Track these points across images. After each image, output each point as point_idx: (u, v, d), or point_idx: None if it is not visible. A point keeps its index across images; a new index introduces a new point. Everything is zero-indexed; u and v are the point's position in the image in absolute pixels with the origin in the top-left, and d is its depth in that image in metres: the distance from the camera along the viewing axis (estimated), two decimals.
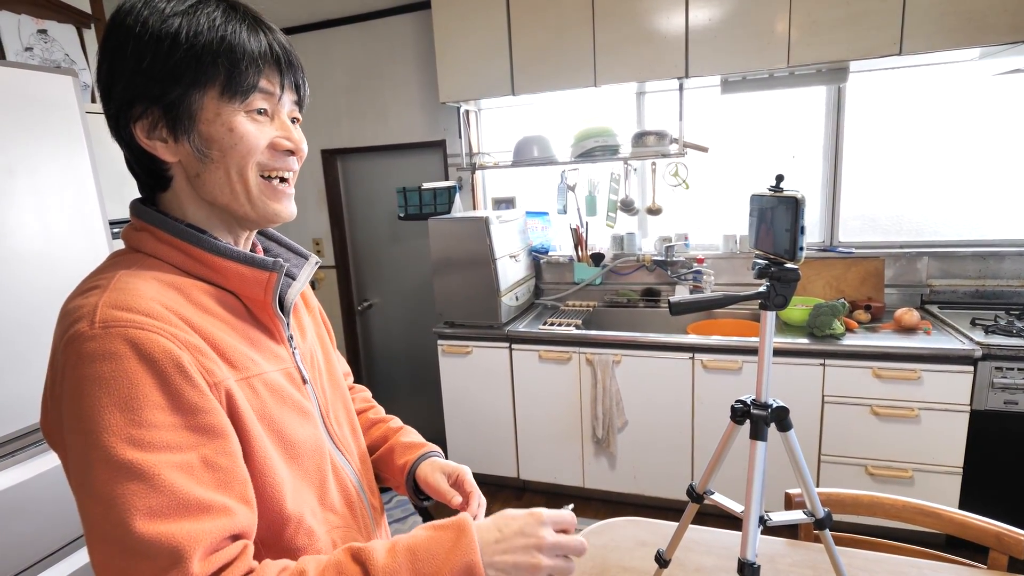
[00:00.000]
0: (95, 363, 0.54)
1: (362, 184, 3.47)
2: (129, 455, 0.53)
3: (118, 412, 0.53)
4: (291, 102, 0.69)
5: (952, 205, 2.57)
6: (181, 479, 0.54)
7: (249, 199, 0.66)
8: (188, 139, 0.62)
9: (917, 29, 2.10)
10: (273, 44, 0.65)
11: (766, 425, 0.82)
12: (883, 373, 2.17)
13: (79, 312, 0.57)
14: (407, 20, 3.05)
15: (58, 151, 1.68)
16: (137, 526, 0.51)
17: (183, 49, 0.60)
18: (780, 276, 0.76)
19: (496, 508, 2.70)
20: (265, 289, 0.68)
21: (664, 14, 2.39)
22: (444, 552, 0.59)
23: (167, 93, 0.61)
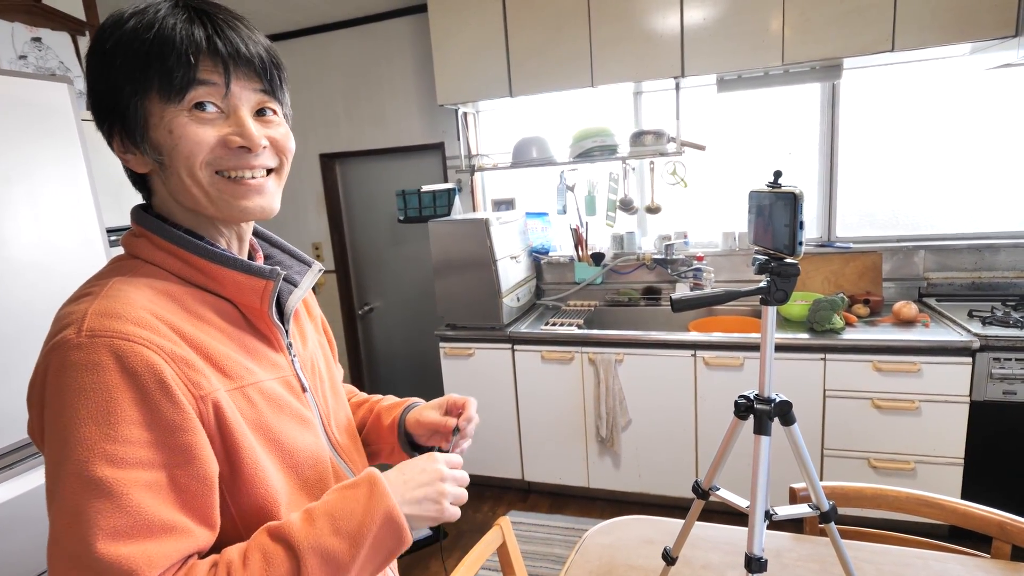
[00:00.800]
0: (77, 372, 0.54)
1: (361, 187, 3.48)
2: (100, 471, 0.52)
3: (94, 425, 0.53)
4: (253, 91, 0.64)
5: (947, 199, 2.58)
6: (148, 499, 0.54)
7: (209, 200, 0.64)
8: (145, 148, 0.62)
9: (909, 25, 2.12)
10: (212, 34, 0.61)
11: (769, 420, 0.83)
12: (883, 366, 2.19)
13: (68, 319, 0.57)
14: (403, 23, 3.06)
15: (54, 159, 1.69)
16: (98, 546, 0.51)
17: (118, 60, 0.60)
18: (780, 271, 0.77)
19: (502, 511, 2.72)
20: (262, 297, 0.67)
21: (659, 14, 2.40)
22: (361, 508, 0.60)
23: (118, 106, 0.61)
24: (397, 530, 0.61)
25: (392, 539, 0.61)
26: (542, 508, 2.77)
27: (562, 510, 2.74)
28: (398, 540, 0.61)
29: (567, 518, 2.66)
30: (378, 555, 0.61)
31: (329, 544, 0.58)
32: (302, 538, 0.58)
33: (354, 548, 0.59)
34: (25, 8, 2.15)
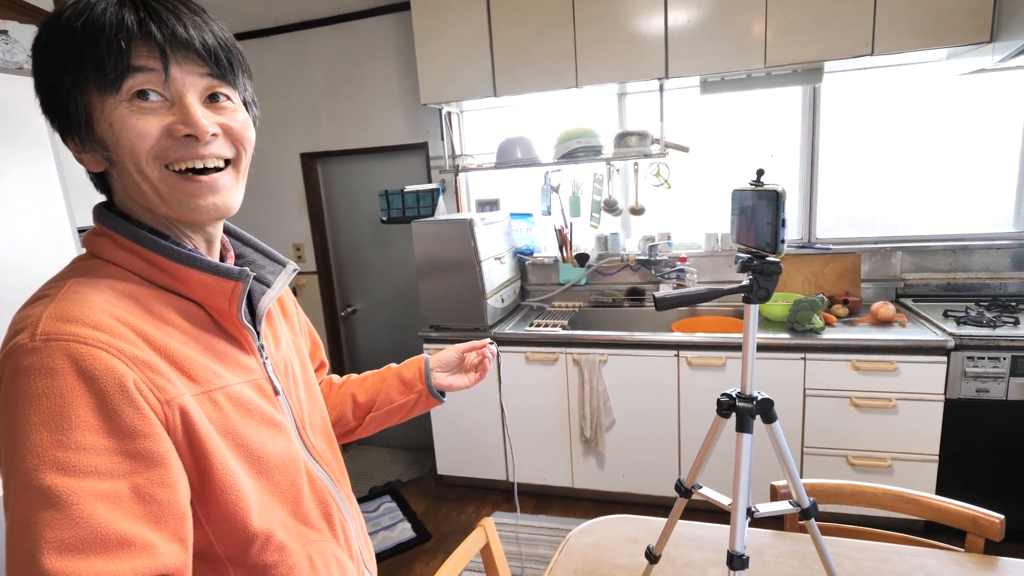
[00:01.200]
0: (30, 377, 0.51)
1: (343, 188, 3.45)
2: (49, 480, 0.49)
3: (46, 432, 0.50)
4: (199, 76, 0.60)
5: (924, 201, 2.64)
6: (103, 510, 0.49)
7: (160, 197, 0.60)
8: (92, 147, 0.59)
9: (888, 30, 2.16)
10: (145, 17, 0.56)
11: (751, 417, 0.84)
12: (861, 365, 2.22)
13: (23, 323, 0.54)
14: (386, 21, 3.04)
15: (22, 157, 1.65)
16: (44, 561, 0.47)
17: (57, 51, 0.56)
18: (762, 269, 0.78)
19: (486, 512, 2.72)
20: (230, 299, 0.64)
21: (644, 16, 2.42)
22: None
23: (59, 104, 0.58)
24: None
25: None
26: (526, 509, 2.77)
27: (546, 510, 2.74)
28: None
29: (551, 518, 2.66)
30: None
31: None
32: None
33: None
34: None
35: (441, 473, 2.94)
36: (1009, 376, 2.07)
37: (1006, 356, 2.06)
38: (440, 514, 2.79)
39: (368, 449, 3.56)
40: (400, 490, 3.03)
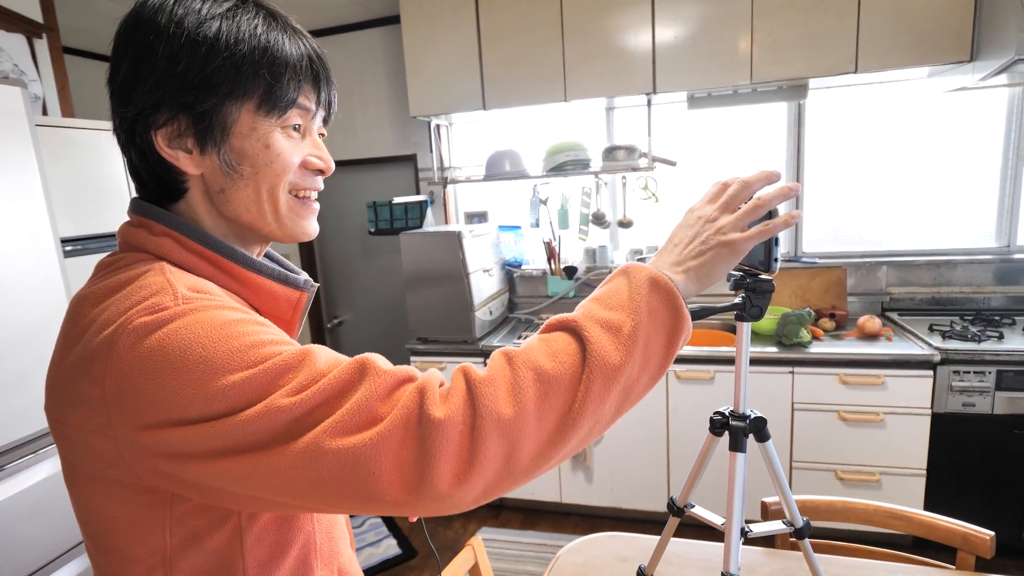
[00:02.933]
0: (186, 331, 0.49)
1: (332, 199, 3.42)
2: (276, 356, 0.49)
3: (233, 341, 0.49)
4: (320, 118, 0.66)
5: (908, 216, 2.67)
6: (329, 353, 0.52)
7: (277, 218, 0.62)
8: (217, 152, 0.58)
9: (871, 48, 2.20)
10: (312, 56, 0.62)
11: (745, 436, 0.83)
12: (849, 379, 2.23)
13: (146, 291, 0.52)
14: (376, 34, 3.04)
15: (6, 165, 1.61)
16: (374, 375, 0.50)
17: (223, 56, 0.56)
18: (755, 287, 0.77)
19: (473, 527, 2.67)
20: (294, 308, 0.65)
21: (632, 32, 2.44)
22: (624, 284, 0.58)
23: (200, 102, 0.56)
24: (667, 295, 0.57)
25: (665, 307, 0.56)
26: (514, 524, 2.73)
27: (535, 526, 2.71)
28: (672, 308, 0.57)
29: (540, 534, 2.63)
30: (658, 328, 0.56)
31: (605, 315, 0.55)
32: (577, 316, 0.56)
33: (631, 316, 0.55)
34: None
35: None
36: (995, 390, 2.09)
37: (991, 370, 2.08)
38: (426, 530, 2.74)
39: None
40: None
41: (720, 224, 0.63)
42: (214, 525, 0.56)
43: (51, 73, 2.31)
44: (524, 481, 0.52)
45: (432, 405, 0.49)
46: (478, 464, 0.48)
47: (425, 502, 0.48)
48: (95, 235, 2.01)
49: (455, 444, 0.48)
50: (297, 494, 0.49)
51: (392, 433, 0.47)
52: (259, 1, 0.61)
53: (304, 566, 0.62)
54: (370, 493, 0.47)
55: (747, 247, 0.62)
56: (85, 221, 1.99)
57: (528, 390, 0.51)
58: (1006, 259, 2.53)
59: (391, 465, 0.47)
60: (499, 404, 0.50)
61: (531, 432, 0.50)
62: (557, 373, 0.52)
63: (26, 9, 2.22)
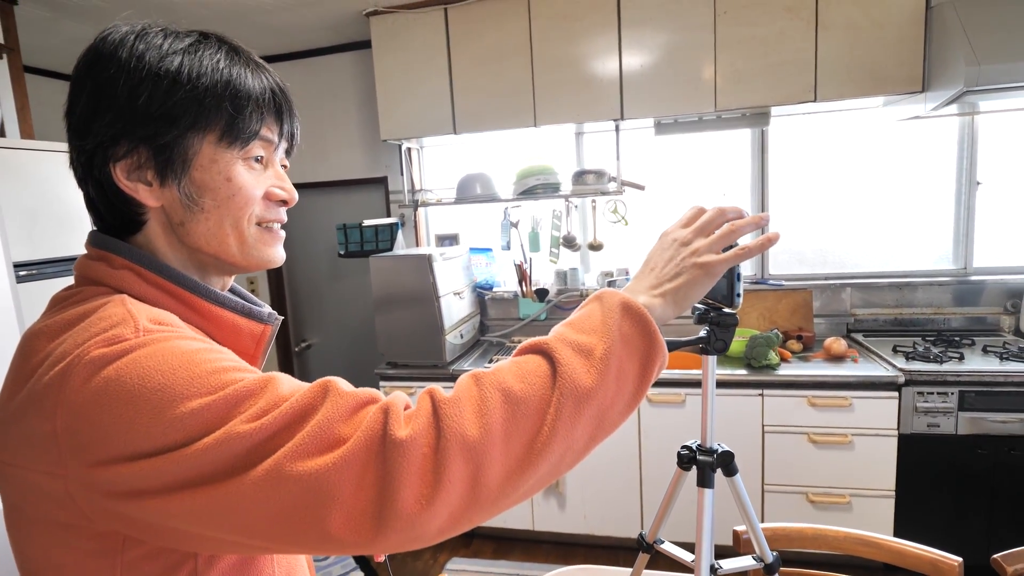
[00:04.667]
0: (151, 353, 0.48)
1: (301, 221, 3.36)
2: (234, 385, 0.48)
3: (193, 369, 0.48)
4: (283, 149, 0.66)
5: (870, 239, 2.74)
6: (291, 382, 0.51)
7: (242, 249, 0.62)
8: (178, 185, 0.58)
9: (828, 79, 2.27)
10: (275, 89, 0.62)
11: (712, 471, 0.81)
12: (817, 401, 2.25)
13: (106, 323, 0.50)
14: (347, 59, 3.03)
15: None
16: (305, 428, 0.47)
17: (184, 89, 0.56)
18: (719, 321, 0.77)
19: (444, 558, 2.60)
20: (257, 342, 0.64)
21: (600, 60, 2.48)
22: (597, 310, 0.57)
23: (161, 134, 0.56)
24: (640, 320, 0.55)
25: (638, 332, 0.55)
26: (486, 554, 2.67)
27: (507, 555, 2.65)
28: (645, 333, 0.55)
29: (512, 564, 2.57)
30: (631, 352, 0.55)
31: (576, 338, 0.54)
32: (548, 339, 0.55)
33: (603, 339, 0.54)
34: None
35: None
36: (957, 411, 2.13)
37: (954, 391, 2.13)
38: (395, 560, 2.65)
39: None
40: None
41: (695, 247, 0.63)
42: (168, 571, 0.52)
43: (11, 94, 2.23)
44: (491, 510, 0.50)
45: (396, 426, 0.47)
46: (442, 487, 0.46)
47: (387, 532, 0.46)
48: (53, 259, 1.93)
49: (418, 466, 0.46)
50: (257, 530, 0.46)
51: (355, 455, 0.46)
52: (221, 36, 0.61)
53: None
54: (331, 522, 0.45)
55: (722, 269, 0.62)
56: (43, 245, 1.91)
57: (495, 411, 0.49)
58: (963, 281, 2.61)
59: (353, 488, 0.45)
60: (464, 425, 0.48)
61: (498, 455, 0.48)
62: (525, 395, 0.51)
63: None
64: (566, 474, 2.50)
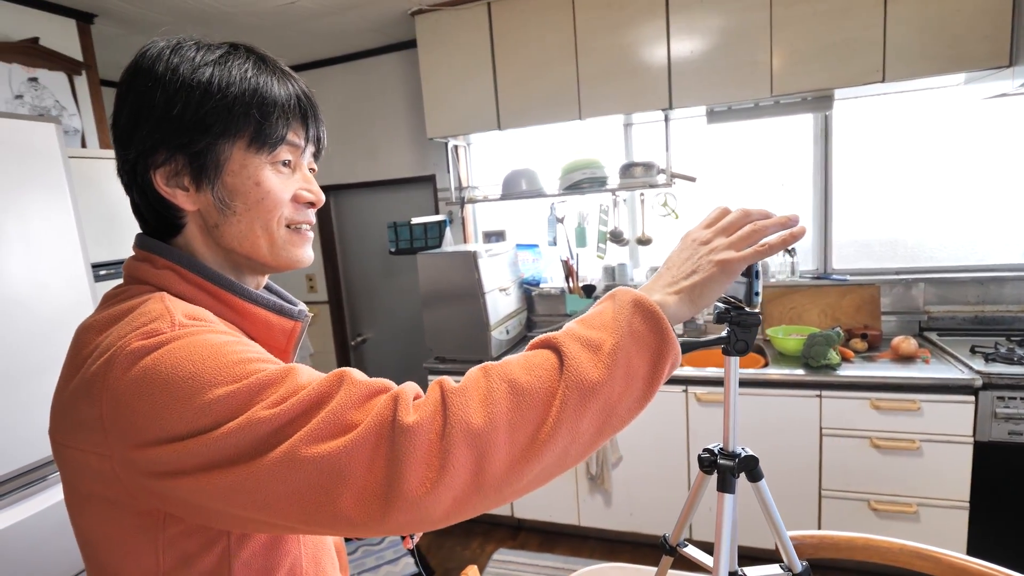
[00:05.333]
0: (185, 345, 0.52)
1: (354, 220, 3.48)
2: (256, 375, 0.51)
3: (220, 360, 0.51)
4: (310, 153, 0.69)
5: (948, 229, 2.53)
6: (309, 371, 0.54)
7: (272, 249, 0.65)
8: (211, 189, 0.62)
9: (899, 57, 2.10)
10: (300, 96, 0.65)
11: (733, 476, 0.78)
12: (881, 404, 2.11)
13: (144, 318, 0.55)
14: (394, 59, 3.09)
15: (41, 196, 1.70)
16: (341, 401, 0.50)
17: (215, 99, 0.59)
18: (740, 321, 0.73)
19: (491, 548, 2.63)
20: (288, 337, 0.67)
21: (646, 47, 2.41)
22: (609, 307, 0.57)
23: (195, 142, 0.60)
24: (651, 316, 0.55)
25: (649, 329, 0.55)
26: (532, 546, 2.68)
27: (552, 549, 2.65)
28: (657, 330, 0.55)
29: (557, 558, 2.57)
30: (641, 349, 0.55)
31: (586, 334, 0.55)
32: (558, 334, 0.56)
33: (613, 335, 0.54)
34: (23, 49, 2.18)
35: None
36: None
37: None
38: (444, 549, 2.71)
39: None
40: None
41: (714, 245, 0.62)
42: (204, 548, 0.57)
43: (90, 107, 2.43)
44: (496, 497, 0.51)
45: (404, 412, 0.49)
46: (447, 472, 0.48)
47: (395, 512, 0.48)
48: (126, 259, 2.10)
49: (424, 451, 0.48)
50: (276, 509, 0.49)
51: (365, 439, 0.48)
52: (250, 47, 0.65)
53: None
54: (342, 502, 0.47)
55: (740, 267, 0.60)
56: (119, 246, 2.08)
57: (500, 401, 0.51)
58: None
59: (363, 470, 0.48)
60: (469, 413, 0.50)
61: (501, 444, 0.49)
62: (531, 386, 0.52)
63: (67, 49, 2.36)
64: (612, 471, 2.48)
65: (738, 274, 0.60)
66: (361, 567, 2.57)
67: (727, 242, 0.61)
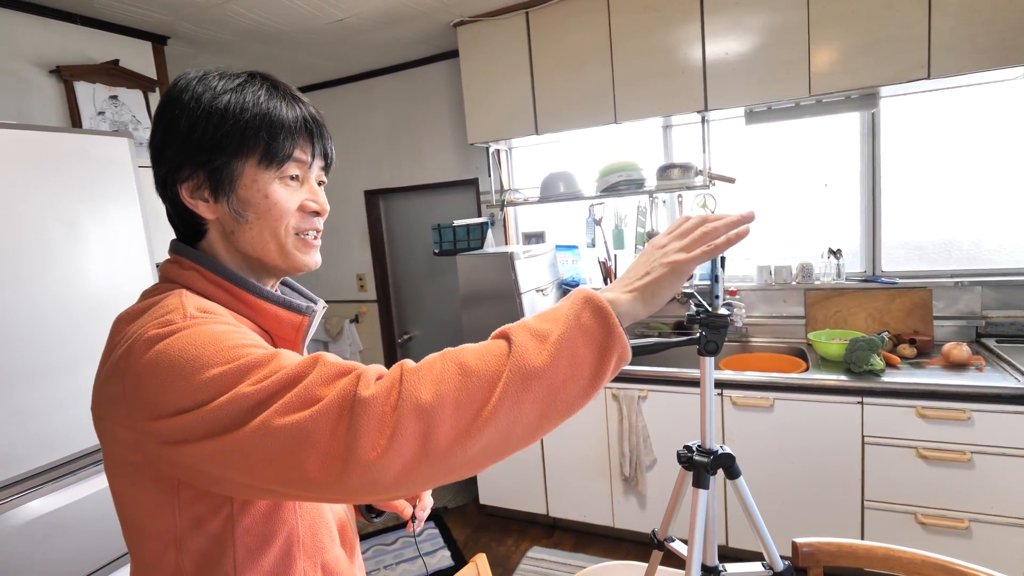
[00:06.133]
0: (191, 334, 0.61)
1: (401, 221, 3.63)
2: (247, 358, 0.58)
3: (221, 344, 0.60)
4: (319, 168, 0.76)
5: (1009, 229, 2.38)
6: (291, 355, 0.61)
7: (281, 254, 0.73)
8: (227, 201, 0.70)
9: (945, 52, 2.01)
10: (307, 117, 0.73)
11: (708, 472, 0.81)
12: (928, 413, 2.02)
13: (162, 311, 0.64)
14: (439, 68, 3.22)
15: (114, 203, 1.90)
16: (316, 370, 0.57)
17: (229, 123, 0.68)
18: (708, 323, 0.76)
19: (525, 546, 2.69)
20: (297, 330, 0.75)
21: (680, 49, 2.40)
22: (564, 303, 0.62)
23: (212, 160, 0.69)
24: (599, 311, 0.60)
25: (597, 322, 0.59)
26: (566, 545, 2.72)
27: (586, 549, 2.68)
28: (604, 324, 0.59)
29: (590, 558, 2.59)
30: (588, 340, 0.59)
31: (536, 326, 0.60)
32: (512, 326, 0.61)
33: (561, 326, 0.59)
34: (105, 70, 2.44)
35: (483, 502, 2.95)
36: None
37: None
38: (480, 544, 2.79)
39: None
40: (444, 516, 3.07)
41: (667, 248, 0.66)
42: (212, 511, 0.66)
43: None
44: (442, 468, 0.56)
45: (364, 388, 0.56)
46: (396, 440, 0.54)
47: (350, 474, 0.54)
48: None
49: (377, 420, 0.54)
50: (257, 472, 0.56)
51: (329, 410, 0.55)
52: (266, 75, 0.74)
53: (287, 557, 0.71)
54: (308, 465, 0.54)
55: (690, 268, 0.64)
56: (171, 247, 2.29)
57: (449, 381, 0.56)
58: None
59: (327, 437, 0.54)
60: (420, 390, 0.56)
61: (447, 418, 0.55)
62: (479, 369, 0.57)
63: (143, 68, 2.61)
64: (646, 474, 2.48)
65: (688, 274, 0.64)
66: (380, 564, 2.69)
67: (679, 245, 0.65)
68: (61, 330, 1.71)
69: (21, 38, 2.22)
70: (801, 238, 2.71)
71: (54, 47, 2.32)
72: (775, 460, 2.27)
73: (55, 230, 1.72)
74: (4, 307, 1.59)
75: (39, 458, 1.65)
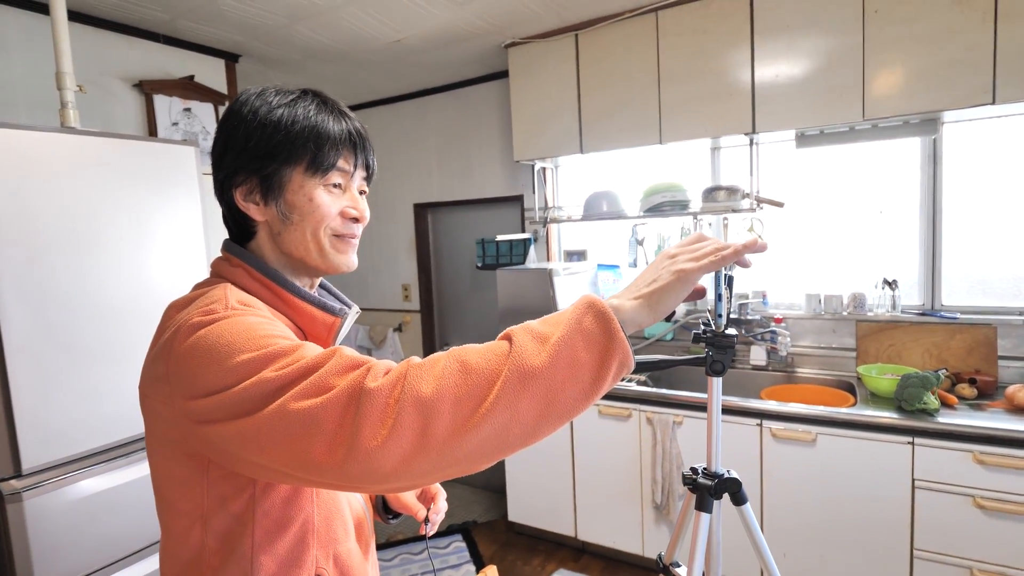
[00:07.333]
0: (226, 326, 0.66)
1: (448, 235, 3.72)
2: (274, 347, 0.63)
3: (244, 334, 0.64)
4: (361, 178, 0.81)
5: None
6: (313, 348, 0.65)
7: (320, 254, 0.79)
8: (276, 204, 0.77)
9: (1012, 76, 1.90)
10: (352, 131, 0.79)
11: (711, 496, 0.79)
12: (987, 459, 1.88)
13: (208, 302, 0.70)
14: (490, 87, 3.30)
15: (180, 206, 2.05)
16: (320, 375, 0.60)
17: (281, 134, 0.75)
18: (714, 342, 0.75)
19: (552, 568, 2.66)
20: (329, 330, 0.79)
21: (729, 72, 2.38)
22: (567, 308, 0.63)
23: (265, 166, 0.75)
24: (601, 316, 0.60)
25: (599, 327, 0.60)
26: (593, 570, 2.66)
27: (614, 575, 2.61)
28: (605, 329, 0.60)
29: None
30: (589, 345, 0.60)
31: (539, 329, 0.62)
32: (516, 328, 0.63)
33: (562, 330, 0.60)
34: (181, 85, 2.65)
35: (512, 520, 2.94)
36: None
37: None
38: (506, 562, 2.78)
39: (452, 486, 3.67)
40: (473, 531, 3.08)
41: (677, 258, 0.67)
42: (236, 492, 0.71)
43: None
44: (439, 461, 0.58)
45: (372, 380, 0.59)
46: (396, 431, 0.57)
47: (352, 461, 0.57)
48: None
49: (379, 411, 0.57)
50: (272, 453, 0.60)
51: (338, 399, 0.59)
52: (317, 92, 0.81)
53: (301, 544, 0.75)
54: (316, 450, 0.58)
55: (696, 277, 0.65)
56: (223, 246, 2.43)
57: (450, 377, 0.59)
58: None
59: (335, 424, 0.58)
60: (422, 384, 0.58)
61: (445, 412, 0.57)
62: (480, 367, 0.59)
63: (215, 83, 2.81)
64: (677, 503, 2.40)
65: (694, 283, 0.64)
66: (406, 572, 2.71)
67: (689, 255, 0.67)
68: (124, 318, 1.85)
69: (111, 55, 2.44)
70: (854, 267, 2.60)
71: (138, 63, 2.54)
72: (815, 498, 2.16)
73: (126, 227, 1.87)
74: (80, 295, 1.74)
75: (96, 439, 1.78)
